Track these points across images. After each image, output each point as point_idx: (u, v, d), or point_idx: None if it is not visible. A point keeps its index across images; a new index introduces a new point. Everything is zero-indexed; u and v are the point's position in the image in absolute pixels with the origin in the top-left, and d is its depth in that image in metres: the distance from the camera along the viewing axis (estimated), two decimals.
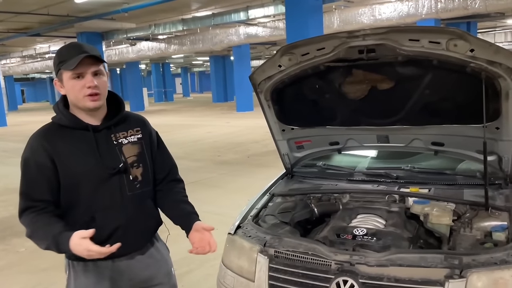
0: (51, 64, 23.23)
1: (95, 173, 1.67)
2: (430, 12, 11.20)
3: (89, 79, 1.63)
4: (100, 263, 1.69)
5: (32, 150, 1.66)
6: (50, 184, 1.65)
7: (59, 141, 1.67)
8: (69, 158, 1.65)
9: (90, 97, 1.64)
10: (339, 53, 2.12)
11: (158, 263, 1.88)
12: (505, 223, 2.02)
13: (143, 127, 1.86)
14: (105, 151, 1.71)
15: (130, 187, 1.75)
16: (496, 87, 2.02)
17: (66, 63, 1.61)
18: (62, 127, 1.70)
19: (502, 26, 22.02)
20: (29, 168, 1.66)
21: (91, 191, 1.68)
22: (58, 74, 1.67)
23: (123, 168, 1.72)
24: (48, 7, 11.55)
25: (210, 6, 12.79)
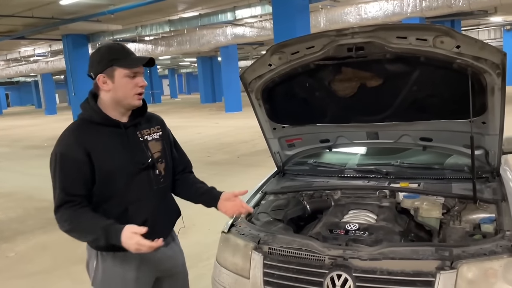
0: (36, 67, 22.73)
1: (127, 168, 1.77)
2: (415, 10, 11.33)
3: (141, 79, 1.77)
4: (129, 253, 1.72)
5: (68, 146, 1.71)
6: (85, 178, 1.71)
7: (93, 137, 1.74)
8: (104, 153, 1.73)
9: (138, 95, 1.78)
10: (329, 51, 2.15)
11: (176, 254, 2.03)
12: (493, 215, 2.07)
13: (163, 125, 1.99)
14: (135, 147, 1.82)
15: (156, 181, 1.86)
16: (482, 82, 2.06)
17: (123, 62, 1.72)
18: (93, 123, 1.77)
19: (485, 24, 22.40)
20: (65, 163, 1.70)
21: (124, 184, 1.77)
22: (108, 70, 1.72)
23: (151, 163, 1.84)
24: (33, 9, 11.40)
25: (197, 6, 12.75)
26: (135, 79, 1.75)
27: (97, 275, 1.83)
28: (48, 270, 4.06)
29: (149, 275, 1.89)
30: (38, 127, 19.91)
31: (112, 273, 1.81)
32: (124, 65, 1.72)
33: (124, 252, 1.73)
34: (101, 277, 1.82)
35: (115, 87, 1.74)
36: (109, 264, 1.81)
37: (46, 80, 29.80)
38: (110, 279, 1.82)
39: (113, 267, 1.81)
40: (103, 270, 1.82)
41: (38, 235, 5.07)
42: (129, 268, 1.82)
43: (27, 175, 8.86)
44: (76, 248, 4.47)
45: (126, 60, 1.73)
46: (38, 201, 6.66)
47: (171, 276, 2.00)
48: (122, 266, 1.81)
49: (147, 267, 1.87)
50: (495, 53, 1.93)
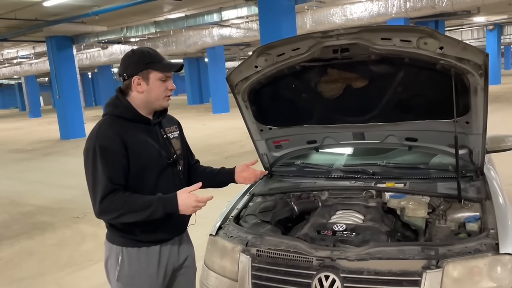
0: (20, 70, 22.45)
1: (157, 162, 1.90)
2: (400, 11, 11.46)
3: (171, 83, 1.91)
4: (150, 248, 1.91)
5: (108, 138, 1.80)
6: (124, 169, 1.82)
7: (129, 131, 1.85)
8: (138, 146, 1.85)
9: (167, 97, 1.93)
10: (314, 53, 2.16)
11: (190, 248, 2.15)
12: (478, 214, 2.10)
13: (179, 125, 2.15)
14: (163, 143, 1.96)
15: (178, 177, 2.00)
16: (465, 83, 2.09)
17: (158, 65, 1.84)
18: (124, 119, 1.87)
19: (468, 24, 22.75)
20: (107, 155, 1.78)
21: (154, 177, 1.89)
22: (144, 73, 1.84)
23: (175, 159, 1.98)
24: (15, 11, 11.22)
25: (183, 8, 12.69)
26: (166, 82, 1.89)
27: (122, 270, 1.91)
28: (34, 276, 4.00)
29: (167, 268, 1.99)
30: (22, 130, 19.61)
31: (137, 268, 1.91)
32: (159, 69, 1.85)
33: (146, 247, 1.91)
34: (127, 272, 1.91)
35: (149, 88, 1.86)
36: (134, 259, 1.91)
37: (30, 82, 29.35)
38: (135, 273, 1.91)
39: (138, 262, 1.91)
40: (129, 265, 1.91)
41: (23, 240, 5.00)
42: (151, 261, 1.93)
43: (11, 179, 8.72)
44: (61, 253, 4.46)
45: (160, 65, 1.85)
46: (23, 205, 6.56)
47: (183, 269, 2.09)
48: (146, 261, 1.92)
49: (166, 261, 1.97)
50: (478, 54, 1.96)
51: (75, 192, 6.79)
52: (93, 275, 3.84)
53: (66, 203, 6.40)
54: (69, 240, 4.87)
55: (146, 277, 1.92)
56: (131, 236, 1.89)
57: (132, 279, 1.91)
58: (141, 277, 1.92)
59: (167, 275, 2.00)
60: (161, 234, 1.92)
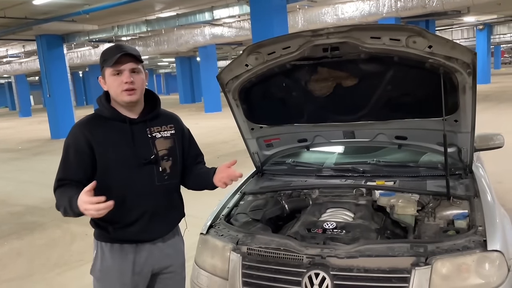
0: (10, 69, 22.28)
1: (128, 161, 1.85)
2: (391, 11, 11.52)
3: (126, 75, 1.81)
4: (125, 246, 1.89)
5: (73, 137, 1.85)
6: (85, 167, 1.82)
7: (99, 130, 1.85)
8: (106, 145, 1.83)
9: (126, 91, 1.82)
10: (304, 52, 2.16)
11: (176, 254, 2.05)
12: (466, 211, 2.12)
13: (176, 124, 2.04)
14: (140, 142, 1.89)
15: (159, 178, 1.91)
16: (454, 81, 2.11)
17: (108, 61, 1.80)
18: (102, 118, 1.88)
19: (458, 24, 22.94)
20: (68, 153, 1.84)
21: (124, 177, 1.85)
22: (102, 72, 1.87)
23: (154, 160, 1.90)
24: (4, 9, 11.10)
25: (174, 6, 12.64)
26: (120, 76, 1.82)
27: (96, 264, 1.93)
28: (23, 276, 3.96)
29: (145, 269, 1.94)
30: (12, 130, 19.41)
31: (109, 264, 1.89)
32: (107, 65, 1.82)
33: (120, 245, 1.88)
34: (99, 267, 1.91)
35: (108, 86, 1.86)
36: (107, 255, 1.89)
37: (20, 81, 29.06)
38: (107, 269, 1.90)
39: (111, 259, 1.89)
40: (102, 260, 1.91)
41: (12, 241, 4.95)
42: (125, 260, 1.89)
43: (1, 179, 8.63)
44: (51, 253, 4.42)
45: (109, 60, 1.81)
46: (12, 205, 6.49)
47: (167, 273, 2.02)
48: (119, 258, 1.89)
49: (143, 261, 1.92)
50: (466, 52, 1.98)
51: None
52: (84, 275, 3.80)
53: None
54: (59, 240, 4.83)
55: (118, 274, 1.89)
56: (105, 233, 1.88)
57: (103, 274, 1.91)
58: (113, 274, 1.89)
59: (144, 277, 1.94)
60: (134, 234, 1.87)
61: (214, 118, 17.14)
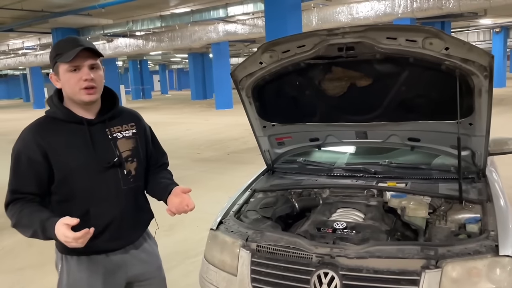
0: (25, 61, 22.45)
1: (90, 167, 1.67)
2: (406, 11, 11.42)
3: (86, 72, 1.63)
4: (94, 257, 1.71)
5: (24, 144, 1.65)
6: (40, 178, 1.64)
7: (53, 135, 1.66)
8: (64, 152, 1.64)
9: (86, 90, 1.64)
10: (319, 51, 2.15)
11: (150, 258, 1.91)
12: (478, 216, 2.10)
13: (138, 122, 1.87)
14: (100, 145, 1.71)
15: (125, 181, 1.76)
16: (470, 84, 2.08)
17: (63, 56, 1.61)
18: (56, 120, 1.69)
19: (475, 26, 22.63)
20: (20, 162, 1.64)
21: (87, 184, 1.68)
22: (55, 67, 1.66)
23: (118, 162, 1.73)
24: (22, 2, 11.26)
25: (189, 3, 12.70)
26: (78, 73, 1.63)
27: (62, 279, 1.76)
28: (34, 266, 4.02)
29: (118, 280, 1.79)
30: (25, 121, 19.22)
31: (77, 278, 1.73)
32: (62, 60, 1.61)
33: (88, 256, 1.71)
34: (66, 282, 1.75)
35: (62, 83, 1.66)
36: (74, 268, 1.73)
37: (35, 73, 29.40)
38: (75, 283, 1.74)
39: (78, 272, 1.73)
40: (68, 274, 1.74)
41: None
42: (94, 272, 1.73)
43: None
44: None
45: (66, 54, 1.60)
46: None
47: (145, 280, 1.88)
48: (87, 271, 1.73)
49: (115, 271, 1.77)
50: (483, 55, 1.96)
51: None
52: None
53: None
54: None
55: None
56: None
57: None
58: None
59: (118, 287, 1.80)
60: (103, 243, 1.70)
61: (225, 115, 17.17)
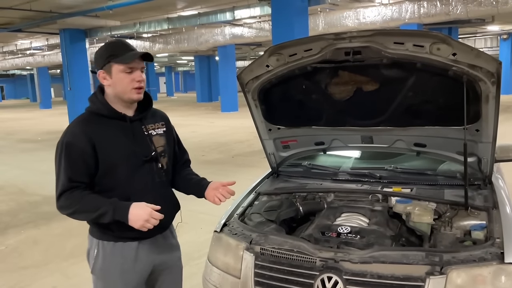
0: (32, 61, 22.58)
1: (131, 160, 1.85)
2: (413, 17, 11.40)
3: (139, 74, 1.83)
4: (128, 244, 1.88)
5: (74, 136, 1.80)
6: (89, 168, 1.79)
7: (100, 128, 1.82)
8: (109, 145, 1.80)
9: (136, 90, 1.83)
10: (326, 55, 2.16)
11: (174, 247, 2.09)
12: (484, 222, 2.09)
13: (167, 122, 2.07)
14: (139, 140, 1.89)
15: (159, 175, 1.94)
16: (477, 90, 2.08)
17: (119, 58, 1.78)
18: (100, 116, 1.85)
19: (482, 32, 22.55)
20: (72, 153, 1.78)
21: (127, 175, 1.84)
22: (106, 66, 1.81)
23: (154, 156, 1.91)
24: (31, 2, 11.34)
25: (196, 5, 12.74)
26: (132, 74, 1.81)
27: (97, 263, 1.90)
28: (38, 264, 4.04)
29: (145, 265, 1.94)
30: (32, 121, 19.79)
31: (111, 262, 1.88)
32: (119, 61, 1.78)
33: (123, 242, 1.87)
34: (100, 265, 1.90)
35: (113, 82, 1.82)
36: (109, 253, 1.88)
37: (42, 73, 29.64)
38: (109, 267, 1.89)
39: (112, 256, 1.88)
40: (103, 258, 1.89)
41: (29, 229, 5.05)
42: (127, 258, 1.89)
43: (20, 169, 8.81)
44: (66, 243, 4.50)
45: (122, 56, 1.78)
46: (30, 195, 6.63)
47: (166, 268, 2.04)
48: (121, 256, 1.88)
49: (144, 258, 1.92)
50: (491, 61, 1.95)
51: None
52: None
53: None
54: (75, 231, 4.90)
55: (120, 273, 1.88)
56: (108, 231, 1.86)
57: (105, 272, 1.89)
58: (115, 272, 1.88)
59: (145, 273, 1.95)
60: (139, 231, 1.80)
61: (230, 118, 17.19)
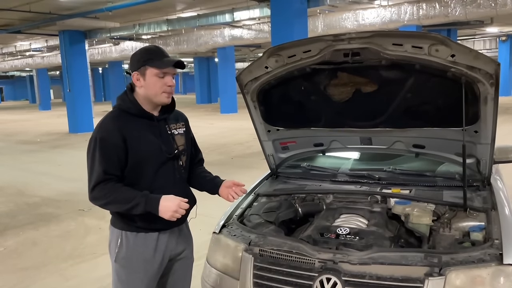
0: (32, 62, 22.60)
1: (157, 156, 1.97)
2: (412, 18, 11.41)
3: (170, 80, 1.96)
4: (149, 234, 2.00)
5: (108, 131, 1.91)
6: (121, 162, 1.91)
7: (130, 125, 1.94)
8: (138, 141, 1.92)
9: (166, 94, 1.96)
10: (325, 56, 2.16)
11: (189, 240, 2.21)
12: (483, 224, 2.09)
13: (186, 122, 2.20)
14: (164, 138, 2.02)
15: (179, 171, 2.07)
16: (475, 91, 2.08)
17: (155, 62, 1.90)
18: (129, 114, 1.96)
19: (481, 34, 22.58)
20: (105, 146, 1.89)
21: (152, 171, 1.96)
22: (142, 69, 1.92)
23: (177, 154, 2.04)
24: (30, 4, 11.34)
25: (196, 7, 12.74)
26: (164, 79, 1.93)
27: (120, 252, 2.01)
28: (37, 266, 4.03)
29: (165, 255, 2.06)
30: (31, 122, 19.78)
31: (133, 251, 1.99)
32: (154, 65, 1.90)
33: (145, 233, 1.99)
34: (124, 254, 2.00)
35: (146, 84, 1.93)
36: (131, 243, 1.99)
37: (41, 75, 29.62)
38: (132, 256, 2.00)
39: (135, 246, 1.99)
40: (127, 247, 1.99)
41: (28, 231, 5.04)
42: (148, 247, 2.00)
43: (19, 170, 8.80)
44: (65, 244, 4.49)
45: (158, 61, 1.91)
46: (29, 196, 6.62)
47: (179, 259, 2.15)
48: (143, 246, 2.00)
49: (164, 248, 2.04)
50: (489, 63, 1.95)
51: (81, 185, 6.80)
52: (96, 267, 3.87)
53: (72, 196, 6.45)
54: (74, 232, 4.91)
55: (142, 261, 2.00)
56: (131, 222, 1.96)
57: (128, 261, 2.00)
58: (137, 261, 1.99)
59: (163, 262, 2.06)
60: (160, 223, 1.94)
61: (230, 119, 17.20)
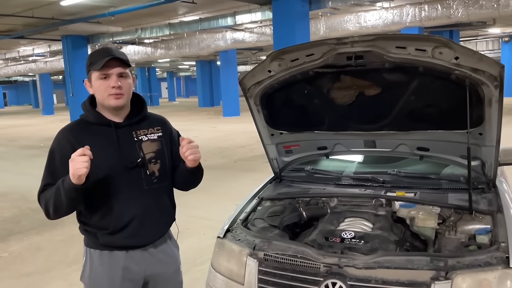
0: (35, 67, 22.79)
1: (115, 166, 1.81)
2: (414, 20, 11.41)
3: (114, 80, 1.79)
4: (115, 253, 1.85)
5: (58, 143, 1.83)
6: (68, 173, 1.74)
7: (84, 135, 1.82)
8: (92, 150, 1.71)
9: (113, 96, 1.80)
10: (328, 59, 2.16)
11: (169, 259, 2.00)
12: (488, 226, 2.07)
13: (164, 126, 2.01)
14: (126, 146, 1.85)
15: (147, 182, 1.88)
16: (480, 94, 2.07)
17: (95, 65, 1.78)
18: (88, 123, 1.87)
19: (483, 35, 22.57)
20: (53, 159, 1.82)
21: (111, 182, 1.81)
22: (88, 75, 1.84)
23: (141, 163, 1.86)
24: (33, 9, 11.41)
25: (197, 11, 12.78)
26: (107, 80, 1.79)
27: (85, 270, 1.90)
28: (41, 271, 4.03)
29: (136, 276, 1.89)
30: (35, 127, 19.85)
31: (98, 271, 1.87)
32: (94, 68, 1.79)
33: (110, 251, 1.85)
34: (88, 273, 1.89)
35: (94, 89, 1.84)
36: (96, 262, 1.87)
37: (44, 80, 29.75)
38: (96, 276, 1.87)
39: (100, 265, 1.86)
40: (90, 267, 1.88)
41: (32, 236, 5.05)
42: (115, 267, 1.86)
43: (23, 175, 8.82)
44: (69, 249, 4.49)
45: (97, 63, 1.78)
46: (33, 201, 6.58)
47: (161, 281, 1.96)
48: (108, 265, 1.86)
49: (134, 268, 1.88)
50: (493, 65, 1.95)
51: None
52: None
53: None
54: (77, 237, 4.86)
55: (107, 281, 1.86)
56: (94, 239, 1.86)
57: (92, 281, 1.88)
58: (102, 281, 1.86)
59: (135, 284, 1.89)
60: (123, 240, 1.82)
61: (232, 122, 17.21)
